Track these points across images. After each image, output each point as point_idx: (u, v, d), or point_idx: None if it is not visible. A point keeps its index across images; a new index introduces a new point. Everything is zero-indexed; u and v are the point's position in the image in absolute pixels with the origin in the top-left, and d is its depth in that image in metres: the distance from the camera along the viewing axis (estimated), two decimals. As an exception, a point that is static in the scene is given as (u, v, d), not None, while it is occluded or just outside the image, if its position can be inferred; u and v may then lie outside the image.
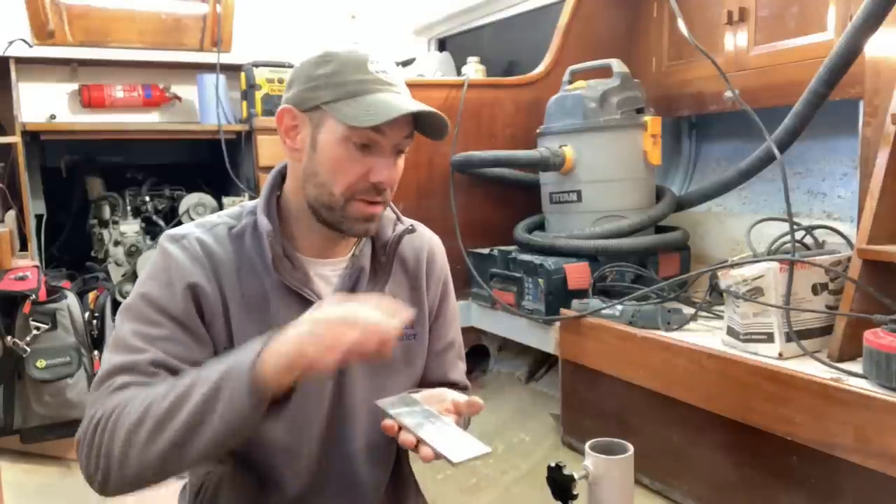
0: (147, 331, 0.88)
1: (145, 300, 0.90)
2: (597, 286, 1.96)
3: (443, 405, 0.90)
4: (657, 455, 1.60)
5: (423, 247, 1.08)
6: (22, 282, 2.04)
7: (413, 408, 0.88)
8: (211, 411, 0.76)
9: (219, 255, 0.94)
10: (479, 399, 0.90)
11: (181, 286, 0.90)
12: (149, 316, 0.89)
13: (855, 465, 1.20)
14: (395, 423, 0.85)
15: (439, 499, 1.75)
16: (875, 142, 1.51)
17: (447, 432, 0.82)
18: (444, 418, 0.86)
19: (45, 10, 2.62)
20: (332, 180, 0.90)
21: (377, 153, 0.90)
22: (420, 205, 2.23)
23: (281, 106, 0.94)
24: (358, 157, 0.89)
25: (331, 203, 0.91)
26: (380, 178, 0.90)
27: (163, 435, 0.77)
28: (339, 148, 0.89)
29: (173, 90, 2.96)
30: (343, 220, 0.92)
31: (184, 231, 0.96)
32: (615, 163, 2.08)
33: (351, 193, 0.91)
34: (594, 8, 2.46)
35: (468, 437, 0.82)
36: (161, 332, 0.88)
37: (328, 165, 0.90)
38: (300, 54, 0.95)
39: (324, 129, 0.90)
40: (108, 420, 0.81)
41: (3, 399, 1.99)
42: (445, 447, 0.79)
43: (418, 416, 0.86)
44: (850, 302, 1.40)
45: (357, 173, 0.90)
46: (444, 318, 1.10)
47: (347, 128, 0.87)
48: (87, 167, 2.90)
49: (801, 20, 1.93)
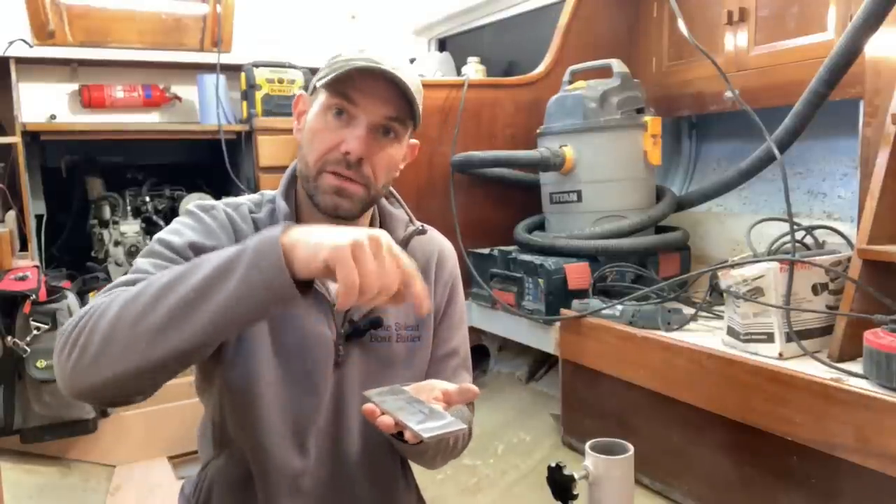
0: (160, 263, 0.87)
1: (163, 243, 0.90)
2: (597, 286, 1.96)
3: (432, 394, 0.88)
4: (657, 455, 1.60)
5: (433, 250, 1.08)
6: (22, 282, 2.04)
7: (399, 396, 0.87)
8: (225, 278, 0.70)
9: (242, 230, 0.96)
10: (473, 385, 0.88)
11: (200, 241, 0.91)
12: (162, 253, 0.89)
13: (855, 465, 1.20)
14: (377, 408, 0.82)
15: (439, 499, 1.75)
16: (875, 142, 1.51)
17: (426, 413, 0.80)
18: (430, 405, 0.84)
19: (45, 10, 2.62)
20: (309, 149, 0.94)
21: (352, 124, 0.92)
22: (420, 205, 2.23)
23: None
24: (333, 127, 0.92)
25: (307, 173, 0.94)
26: (347, 147, 0.90)
27: (164, 301, 0.71)
28: (318, 118, 0.93)
29: (173, 90, 2.96)
30: (315, 191, 0.94)
31: (212, 203, 0.99)
32: (615, 163, 2.08)
33: (323, 164, 0.93)
34: (594, 8, 2.46)
35: (446, 417, 0.79)
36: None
37: (308, 136, 0.94)
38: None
39: (313, 104, 0.95)
40: (98, 308, 0.76)
41: (3, 399, 1.99)
42: (419, 426, 0.77)
43: (402, 402, 0.84)
44: (850, 302, 1.40)
45: (329, 141, 0.92)
46: (448, 323, 1.09)
47: (327, 97, 0.91)
48: (87, 167, 2.90)
49: (801, 20, 1.93)
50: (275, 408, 0.95)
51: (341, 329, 0.98)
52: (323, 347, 0.97)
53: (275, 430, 0.96)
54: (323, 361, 0.97)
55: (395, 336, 1.02)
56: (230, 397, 0.96)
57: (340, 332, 0.98)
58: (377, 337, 1.01)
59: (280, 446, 0.97)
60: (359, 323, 0.99)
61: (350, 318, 0.99)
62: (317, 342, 0.96)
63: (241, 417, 0.97)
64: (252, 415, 0.95)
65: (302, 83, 2.80)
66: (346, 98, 0.91)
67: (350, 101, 0.91)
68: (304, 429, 0.97)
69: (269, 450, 0.97)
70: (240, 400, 0.95)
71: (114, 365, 0.72)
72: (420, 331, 1.05)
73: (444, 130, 2.27)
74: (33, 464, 2.02)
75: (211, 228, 0.94)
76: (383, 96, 0.90)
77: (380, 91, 0.90)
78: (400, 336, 1.03)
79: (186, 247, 0.89)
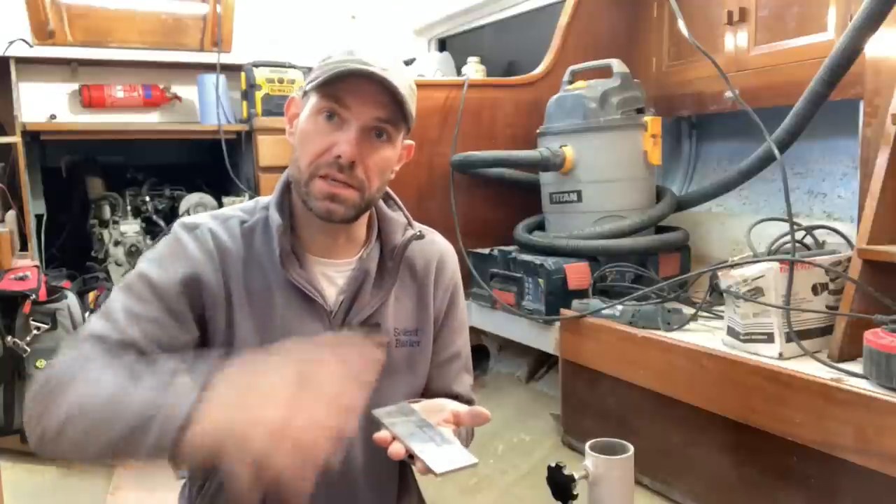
0: (134, 307, 0.88)
1: (143, 279, 0.91)
2: (597, 286, 1.96)
3: (441, 415, 0.88)
4: (657, 455, 1.60)
5: (433, 254, 1.07)
6: (22, 282, 2.04)
7: (409, 417, 0.86)
8: (142, 437, 0.74)
9: (228, 248, 0.94)
10: (485, 410, 0.88)
11: (182, 275, 0.91)
12: (140, 293, 0.89)
13: (855, 465, 1.20)
14: (389, 433, 0.82)
15: (439, 499, 1.75)
16: (875, 142, 1.51)
17: (437, 442, 0.81)
18: (440, 429, 0.84)
19: (45, 9, 2.62)
20: (301, 154, 0.92)
21: (343, 128, 0.90)
22: (420, 205, 2.23)
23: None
24: (324, 131, 0.90)
25: (299, 178, 0.93)
26: (338, 150, 0.89)
27: (101, 433, 0.76)
28: (309, 121, 0.92)
29: (173, 90, 2.96)
30: (308, 196, 0.92)
31: (198, 221, 0.97)
32: (615, 163, 2.08)
33: (315, 168, 0.91)
34: (594, 8, 2.46)
35: (457, 448, 0.80)
36: (147, 312, 0.88)
37: (300, 140, 0.93)
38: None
39: (305, 108, 0.94)
40: (57, 385, 0.80)
41: (4, 399, 1.99)
42: (430, 458, 0.77)
43: (412, 426, 0.84)
44: (850, 302, 1.40)
45: (321, 145, 0.90)
46: (449, 327, 1.08)
47: (318, 100, 0.90)
48: (87, 167, 2.91)
49: (801, 20, 1.93)
50: None
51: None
52: None
53: None
54: None
55: (394, 342, 1.01)
56: None
57: None
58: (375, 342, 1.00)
59: None
60: (357, 329, 0.97)
61: (348, 324, 0.97)
62: None
63: None
64: None
65: (302, 83, 2.80)
66: (337, 101, 0.89)
67: (341, 103, 0.89)
68: None
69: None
70: None
71: (71, 451, 0.79)
72: (420, 336, 1.03)
73: (444, 130, 2.27)
74: (33, 464, 2.02)
75: (193, 256, 0.92)
76: (374, 98, 0.89)
77: (370, 93, 0.89)
78: (399, 341, 1.01)
79: (171, 285, 0.89)
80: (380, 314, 0.99)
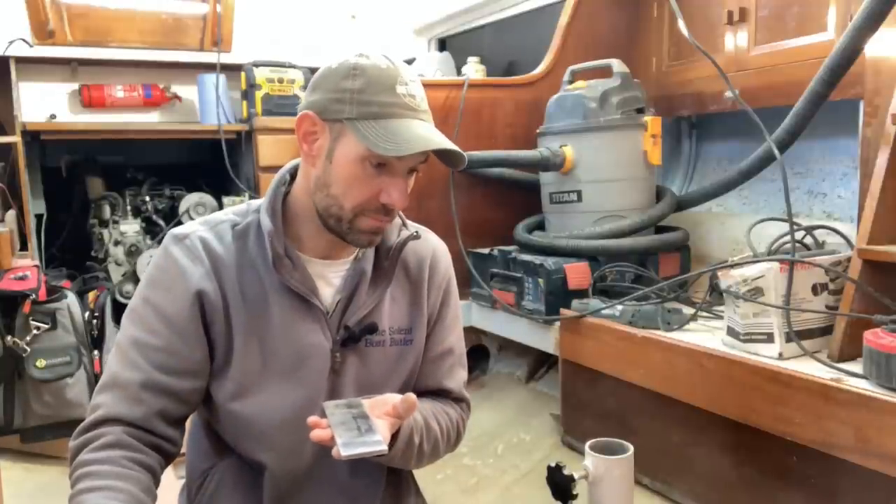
0: (146, 339, 0.91)
1: (149, 305, 0.93)
2: (597, 286, 1.96)
3: (384, 409, 0.90)
4: (657, 455, 1.60)
5: (426, 253, 1.07)
6: (22, 281, 2.04)
7: (351, 410, 0.89)
8: None
9: (220, 254, 0.94)
10: (412, 395, 0.89)
11: (187, 292, 0.92)
12: (149, 323, 0.92)
13: (855, 465, 1.20)
14: (320, 420, 0.86)
15: (439, 499, 1.75)
16: (875, 142, 1.51)
17: (361, 431, 0.84)
18: (375, 421, 0.87)
19: (45, 9, 2.62)
20: (344, 195, 0.91)
21: (391, 173, 0.91)
22: (420, 205, 2.23)
23: (302, 110, 0.93)
24: (372, 177, 0.90)
25: (340, 215, 0.92)
26: (389, 199, 0.91)
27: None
28: (355, 166, 0.90)
29: (173, 90, 2.96)
30: (349, 231, 0.93)
31: (187, 230, 0.96)
32: (615, 163, 2.08)
33: (361, 210, 0.91)
34: (594, 8, 2.46)
35: (376, 438, 0.83)
36: (157, 342, 0.91)
37: (342, 180, 0.91)
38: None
39: (342, 142, 0.90)
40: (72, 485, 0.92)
41: (3, 399, 1.99)
42: (343, 442, 0.81)
43: (348, 416, 0.87)
44: (850, 302, 1.40)
45: (369, 192, 0.91)
46: (442, 323, 1.09)
47: (366, 147, 0.87)
48: (87, 167, 2.90)
49: (801, 20, 1.93)
50: (271, 418, 0.96)
51: (336, 336, 0.98)
52: (318, 357, 0.96)
53: (272, 438, 0.96)
54: (319, 370, 0.97)
55: (389, 340, 1.02)
56: (225, 410, 0.96)
57: (336, 339, 0.97)
58: (372, 341, 1.00)
59: (278, 454, 0.97)
60: (354, 329, 0.98)
61: (345, 325, 0.98)
62: (311, 352, 0.96)
63: (237, 428, 0.98)
64: (248, 426, 0.96)
65: (302, 83, 2.80)
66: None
67: (397, 157, 0.89)
68: (303, 436, 0.97)
69: (267, 458, 0.97)
70: (236, 412, 0.96)
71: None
72: (413, 333, 1.04)
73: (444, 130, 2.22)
74: (33, 463, 2.02)
75: (189, 271, 0.93)
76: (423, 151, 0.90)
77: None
78: (393, 339, 1.02)
79: (180, 309, 0.91)
80: (375, 314, 1.00)
